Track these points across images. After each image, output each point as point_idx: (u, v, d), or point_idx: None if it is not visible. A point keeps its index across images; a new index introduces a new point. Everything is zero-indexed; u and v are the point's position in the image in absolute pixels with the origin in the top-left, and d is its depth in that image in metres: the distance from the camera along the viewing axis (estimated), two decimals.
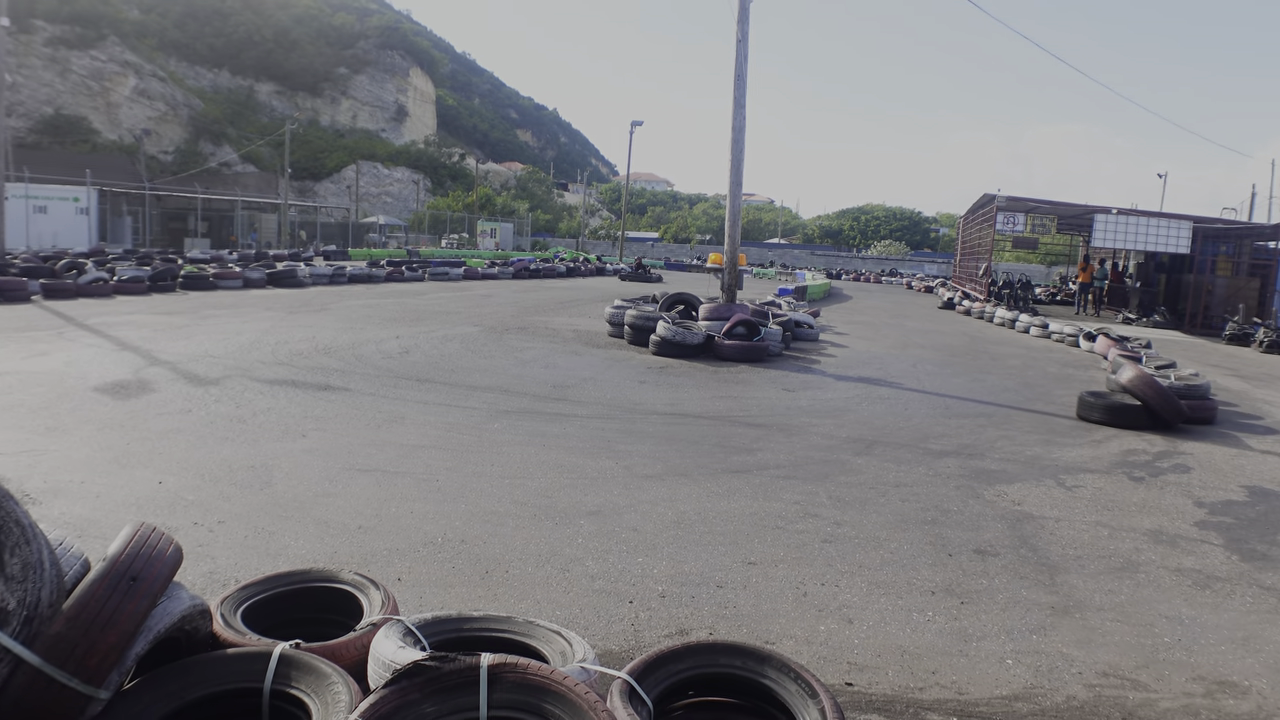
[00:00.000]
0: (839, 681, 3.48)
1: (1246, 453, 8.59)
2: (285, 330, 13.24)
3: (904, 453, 7.64)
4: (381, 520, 5.02)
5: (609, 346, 13.64)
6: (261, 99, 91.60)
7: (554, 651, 2.80)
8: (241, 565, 4.24)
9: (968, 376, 13.02)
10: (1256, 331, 21.91)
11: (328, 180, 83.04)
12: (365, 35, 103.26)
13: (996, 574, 4.79)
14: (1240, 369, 16.54)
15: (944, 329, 21.99)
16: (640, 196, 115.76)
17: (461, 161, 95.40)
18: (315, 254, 40.82)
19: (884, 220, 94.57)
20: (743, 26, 14.82)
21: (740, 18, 14.80)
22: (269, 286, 22.46)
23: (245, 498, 5.29)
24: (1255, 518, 6.30)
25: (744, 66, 14.87)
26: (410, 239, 61.77)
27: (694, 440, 7.60)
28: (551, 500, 5.61)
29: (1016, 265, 59.93)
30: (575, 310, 20.12)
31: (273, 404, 7.97)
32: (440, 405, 8.42)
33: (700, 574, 4.52)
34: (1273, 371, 16.51)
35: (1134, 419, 9.42)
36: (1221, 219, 33.13)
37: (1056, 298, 39.88)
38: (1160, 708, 3.44)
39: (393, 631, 2.72)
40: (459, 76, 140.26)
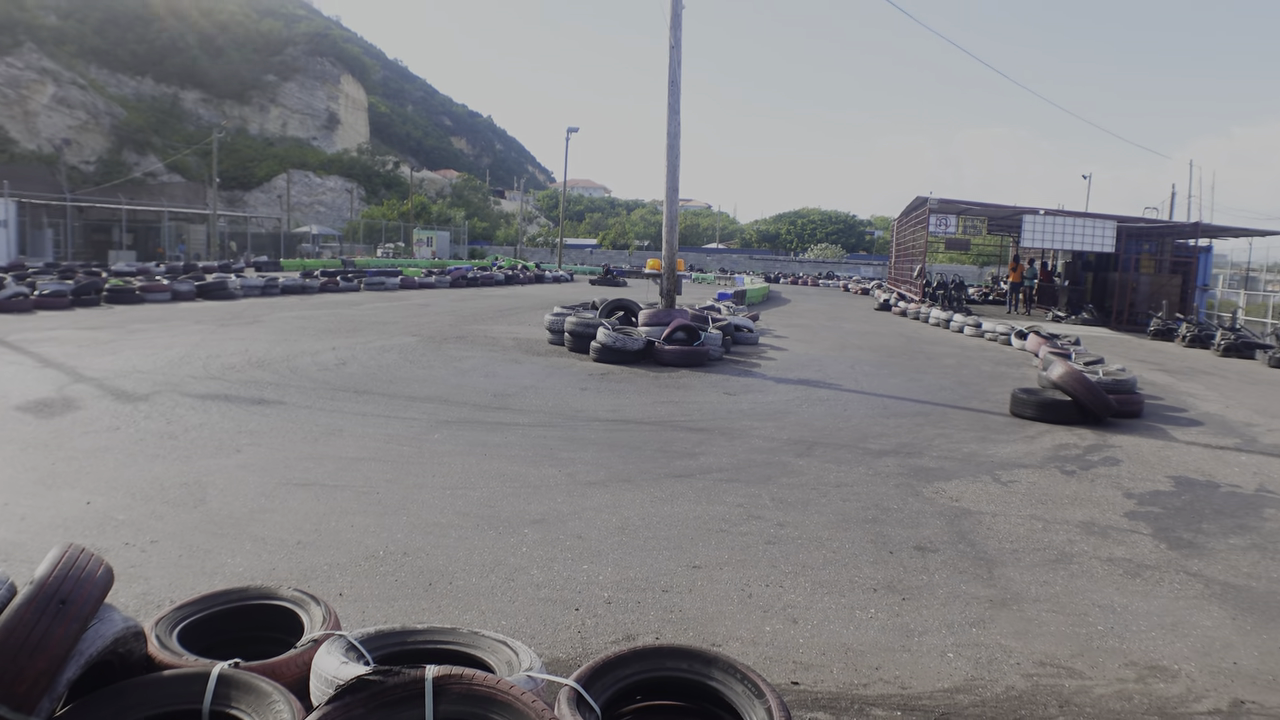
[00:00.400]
0: (785, 681, 3.51)
1: (1172, 444, 8.87)
2: (216, 343, 12.95)
3: (844, 453, 7.74)
4: (321, 535, 4.93)
5: (549, 354, 13.60)
6: (187, 107, 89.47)
7: (500, 661, 2.77)
8: (176, 585, 4.13)
9: (905, 376, 13.24)
10: (1179, 327, 22.68)
11: (258, 190, 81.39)
12: (294, 42, 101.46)
13: (936, 569, 4.88)
14: (1165, 363, 17.09)
15: (881, 330, 22.34)
16: (578, 203, 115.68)
17: (396, 169, 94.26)
18: (246, 265, 39.98)
19: (820, 224, 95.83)
20: (675, 33, 14.90)
21: (673, 24, 14.88)
22: (199, 299, 21.95)
23: (178, 516, 5.16)
24: (1181, 507, 6.51)
25: (677, 72, 14.96)
26: (345, 249, 60.84)
27: (636, 446, 7.61)
28: (494, 510, 5.57)
29: (950, 266, 61.19)
30: (514, 318, 20.02)
31: (205, 419, 7.79)
32: (379, 417, 8.31)
33: (646, 579, 4.53)
34: (1195, 365, 17.09)
35: (1065, 414, 9.67)
36: (1144, 218, 34.25)
37: (989, 297, 40.82)
38: (1095, 694, 3.53)
39: (335, 647, 2.67)
40: (391, 84, 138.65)
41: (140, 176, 66.59)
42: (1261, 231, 30.26)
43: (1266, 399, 12.65)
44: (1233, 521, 6.18)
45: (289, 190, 74.38)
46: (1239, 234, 31.21)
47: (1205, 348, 20.56)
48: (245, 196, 79.31)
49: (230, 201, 73.43)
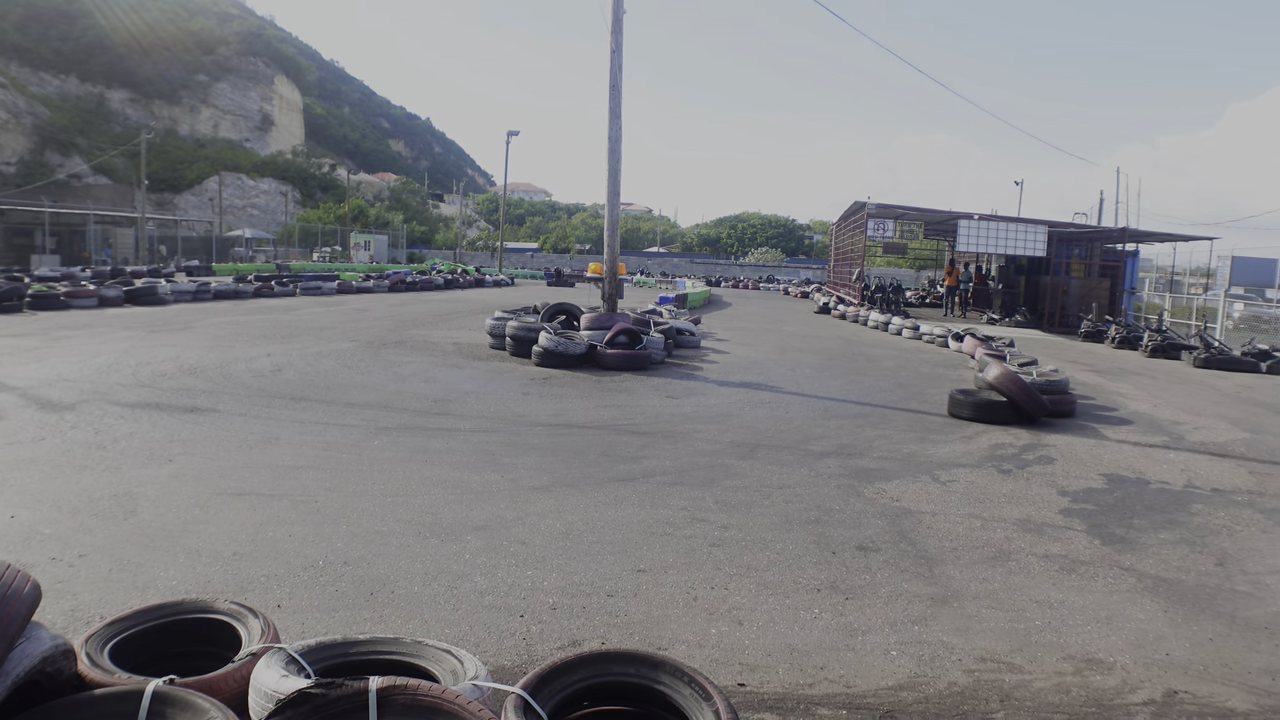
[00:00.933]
0: (732, 683, 3.52)
1: (1104, 443, 9.11)
2: (146, 350, 12.60)
3: (786, 455, 7.80)
4: (258, 546, 4.82)
5: (490, 359, 13.49)
6: (114, 107, 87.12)
7: (445, 670, 2.73)
8: (107, 600, 3.99)
9: (845, 379, 13.40)
10: (1108, 329, 23.32)
11: (189, 192, 79.59)
12: (226, 41, 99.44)
13: (878, 569, 4.93)
14: (1095, 364, 17.55)
15: (821, 333, 22.60)
16: (518, 207, 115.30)
17: (332, 172, 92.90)
18: (177, 270, 38.99)
19: (760, 228, 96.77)
20: (616, 37, 14.91)
21: (614, 29, 14.89)
22: (127, 305, 21.32)
23: (108, 529, 4.99)
24: (1114, 503, 6.68)
25: (618, 77, 14.97)
26: (280, 253, 59.74)
27: (580, 450, 7.57)
28: (437, 517, 5.50)
29: (888, 270, 62.16)
30: (455, 323, 19.83)
31: (135, 428, 7.56)
32: (317, 424, 8.15)
33: (591, 584, 4.50)
34: (1124, 366, 17.58)
35: (1001, 414, 9.87)
36: (1074, 224, 35.19)
37: (926, 300, 41.55)
38: (1034, 688, 3.60)
39: (274, 660, 2.61)
40: (327, 85, 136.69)
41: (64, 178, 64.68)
42: (1185, 236, 31.31)
43: (1192, 398, 13.06)
44: (1162, 517, 6.36)
45: (221, 193, 72.83)
46: (1164, 239, 32.24)
47: (1134, 349, 21.16)
48: (175, 199, 77.51)
49: (160, 204, 71.71)
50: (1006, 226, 29.06)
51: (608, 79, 14.94)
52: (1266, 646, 4.14)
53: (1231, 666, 3.90)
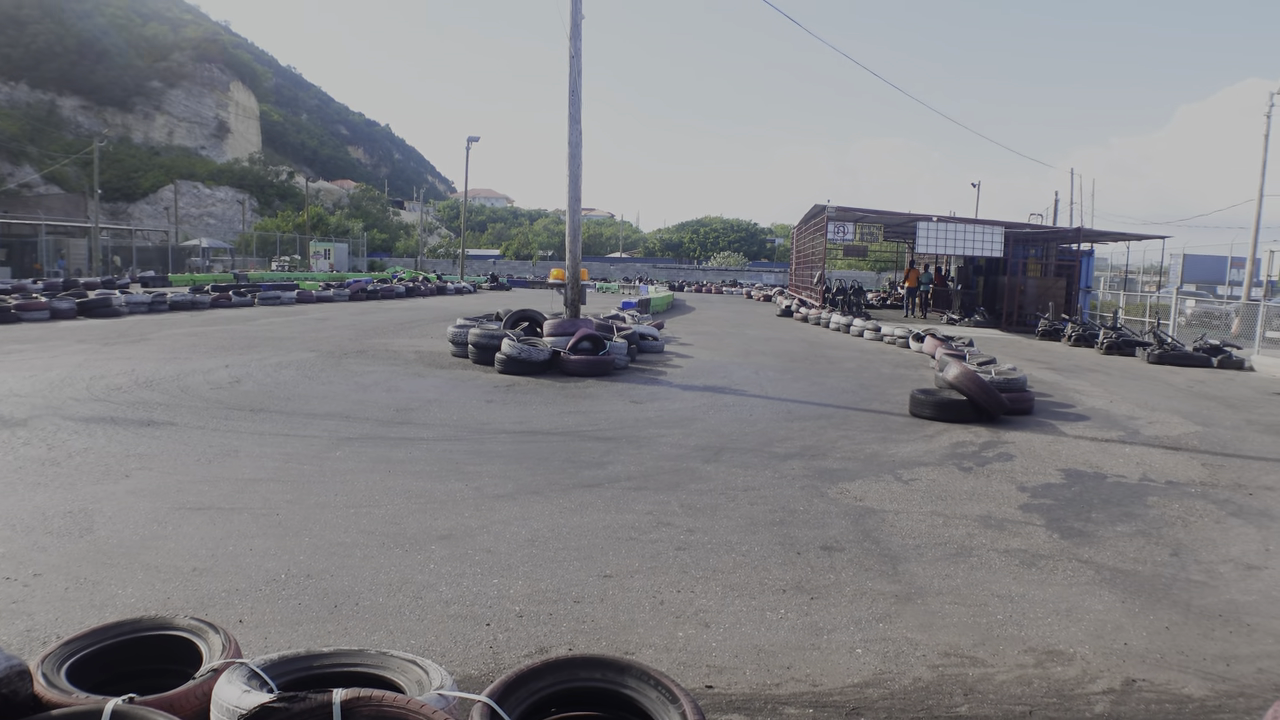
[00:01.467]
0: (699, 685, 3.53)
1: (1061, 439, 9.25)
2: (101, 363, 12.38)
3: (750, 457, 7.84)
4: (218, 560, 4.75)
5: (453, 367, 13.42)
6: (65, 114, 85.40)
7: (410, 681, 2.71)
8: (63, 619, 3.92)
9: (808, 380, 13.50)
10: (1065, 327, 23.70)
11: (143, 201, 78.24)
12: (180, 47, 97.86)
13: (843, 568, 4.98)
14: (1053, 362, 17.83)
15: (783, 336, 22.73)
16: (480, 213, 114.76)
17: (290, 180, 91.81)
18: (132, 281, 38.35)
19: (722, 232, 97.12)
20: (575, 43, 14.91)
21: (572, 34, 14.89)
22: (81, 317, 20.93)
23: (63, 547, 4.90)
24: (1072, 498, 6.79)
25: (578, 82, 14.97)
26: (238, 262, 58.94)
27: (544, 457, 7.56)
28: (400, 527, 5.46)
29: (849, 272, 62.62)
30: (417, 331, 19.70)
31: (90, 443, 7.43)
32: (277, 435, 8.06)
33: (557, 590, 4.49)
34: (1081, 363, 17.87)
35: (961, 413, 9.99)
36: (1030, 224, 35.67)
37: (887, 302, 41.96)
38: (997, 680, 3.65)
39: (236, 675, 2.57)
40: (285, 91, 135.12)
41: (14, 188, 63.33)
42: (1138, 236, 31.94)
43: (1147, 393, 13.31)
44: (1119, 510, 6.47)
45: (177, 202, 71.68)
46: (1118, 238, 32.84)
47: (1090, 346, 21.53)
48: (130, 209, 76.17)
49: (113, 214, 70.45)
50: (964, 228, 29.43)
51: (567, 84, 14.94)
52: (1221, 634, 4.23)
53: (1187, 654, 3.98)
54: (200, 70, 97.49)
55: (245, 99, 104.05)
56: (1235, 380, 15.77)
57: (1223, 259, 38.93)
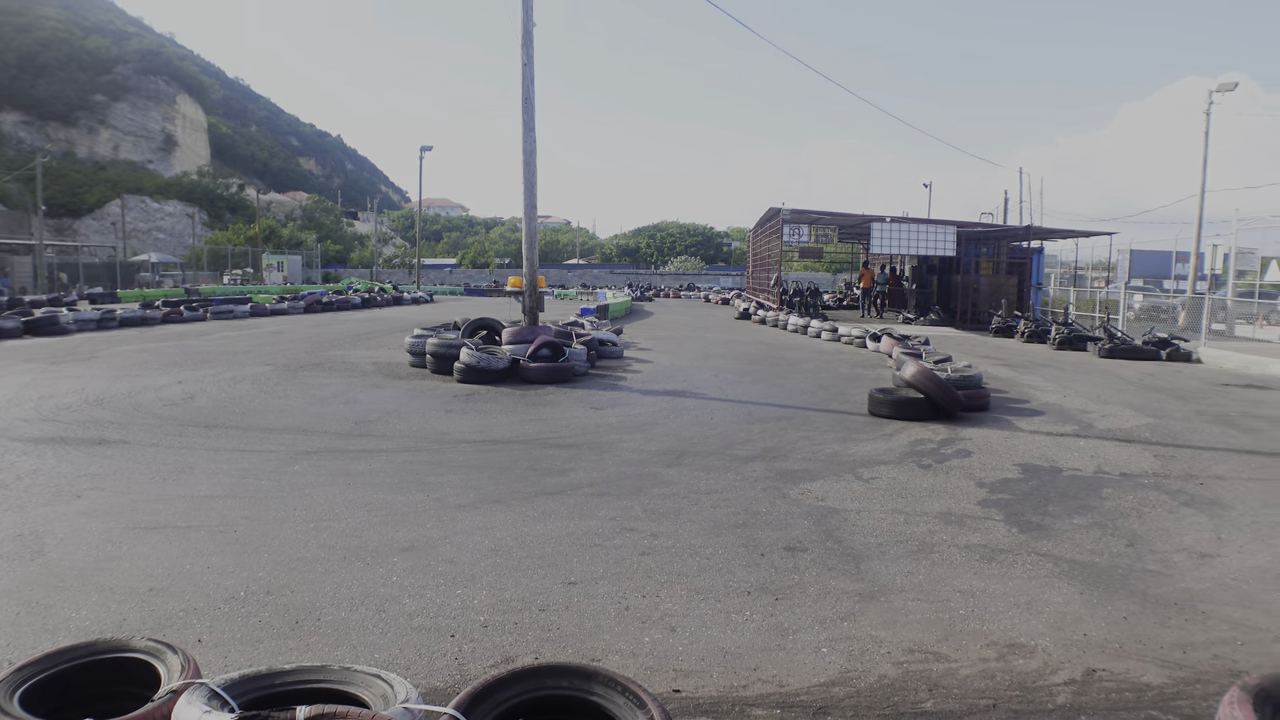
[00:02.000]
0: (666, 689, 3.52)
1: (1017, 434, 9.39)
2: (49, 383, 12.10)
3: (712, 460, 7.85)
4: (175, 580, 4.65)
5: (411, 377, 13.30)
6: (6, 130, 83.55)
7: (375, 695, 2.68)
8: (15, 646, 3.81)
9: (767, 383, 13.56)
10: (1018, 324, 24.08)
11: (89, 217, 76.72)
12: (124, 60, 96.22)
13: (806, 568, 5.00)
14: (1007, 358, 18.09)
15: (742, 339, 22.84)
16: (435, 222, 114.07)
17: (241, 192, 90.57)
18: (79, 298, 37.52)
19: (679, 236, 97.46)
20: (527, 50, 14.88)
21: (524, 42, 14.86)
22: (27, 336, 20.43)
23: (13, 571, 4.77)
24: (1029, 492, 6.89)
25: (531, 89, 14.93)
26: (188, 276, 57.96)
27: (505, 466, 7.51)
28: (361, 540, 5.39)
29: (805, 274, 63.17)
30: (374, 342, 19.50)
31: (39, 464, 7.25)
32: (233, 451, 7.92)
33: (522, 599, 4.46)
34: (1034, 359, 18.16)
35: (919, 411, 10.10)
36: (980, 223, 36.23)
37: (844, 303, 42.29)
38: (961, 675, 3.68)
39: (196, 696, 2.52)
40: (233, 103, 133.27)
41: None
42: (1086, 232, 32.51)
43: (1099, 387, 13.55)
44: (1075, 503, 6.58)
45: (124, 217, 70.35)
46: (1066, 235, 33.42)
47: (1042, 342, 21.88)
48: (75, 224, 74.66)
49: (59, 230, 69.00)
50: (917, 228, 29.79)
51: (520, 92, 14.90)
52: (1176, 621, 4.31)
53: (1145, 643, 4.05)
54: (145, 83, 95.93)
55: (192, 111, 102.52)
56: (1184, 372, 16.12)
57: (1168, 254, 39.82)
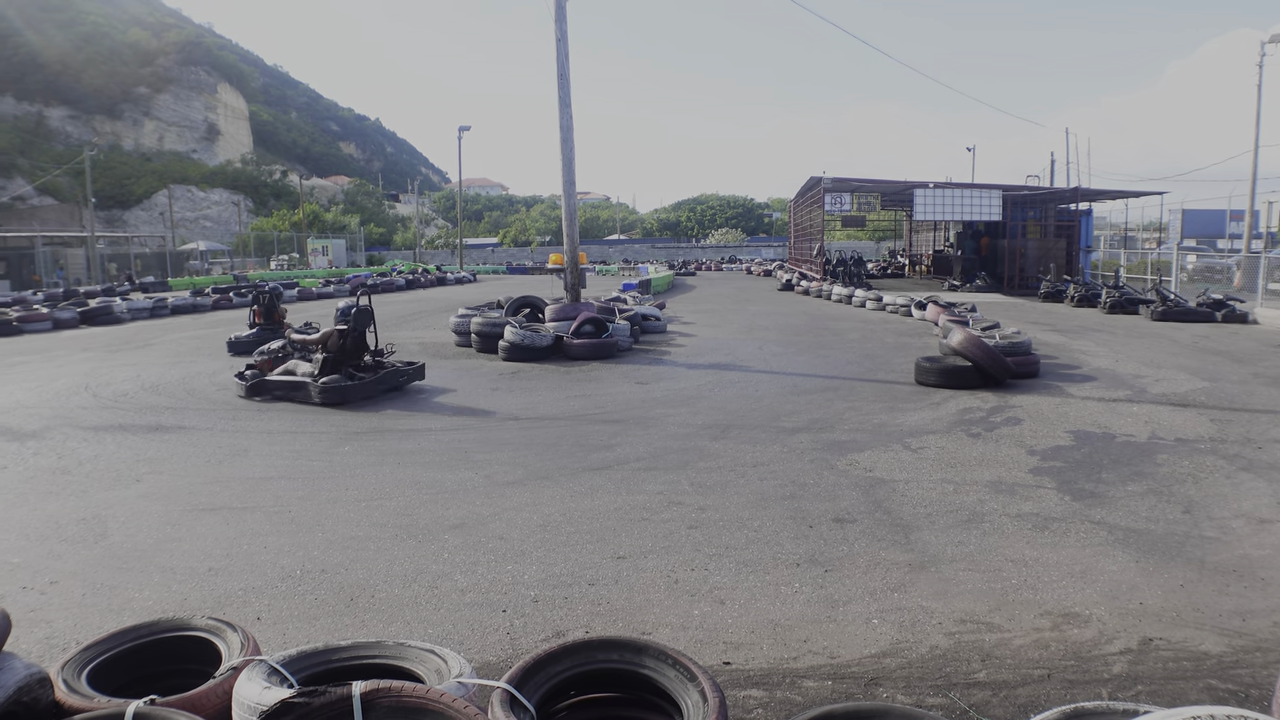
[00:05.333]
0: (716, 662, 3.53)
1: (1069, 400, 9.24)
2: (107, 371, 12.40)
3: (758, 433, 7.83)
4: (233, 559, 4.76)
5: (457, 356, 13.42)
6: (54, 125, 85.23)
7: (429, 670, 2.72)
8: (82, 625, 3.94)
9: (812, 354, 13.48)
10: (1067, 288, 23.64)
11: (138, 208, 78.21)
12: (164, 52, 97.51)
13: (855, 539, 4.98)
14: (1056, 323, 17.79)
15: (785, 310, 22.69)
16: (476, 202, 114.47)
17: (284, 178, 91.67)
18: (132, 287, 38.31)
19: (719, 209, 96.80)
20: (561, 25, 14.83)
21: (558, 17, 14.80)
22: (83, 326, 20.97)
23: (78, 553, 4.92)
24: (1081, 459, 6.78)
25: (565, 65, 14.89)
26: (236, 263, 58.84)
27: (552, 443, 7.56)
28: (412, 518, 5.47)
29: (848, 243, 62.48)
30: (419, 323, 19.69)
31: (100, 451, 7.44)
32: (285, 433, 8.07)
33: (571, 574, 4.50)
34: (1085, 324, 17.83)
35: (967, 379, 9.97)
36: (1027, 186, 35.58)
37: (888, 271, 41.86)
38: (1014, 645, 3.65)
39: (256, 672, 2.58)
40: (273, 90, 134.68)
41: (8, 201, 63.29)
42: (1136, 193, 31.78)
43: (1152, 351, 13.28)
44: (1129, 469, 6.47)
45: (171, 206, 71.56)
46: (1116, 196, 32.70)
47: (1093, 306, 21.48)
48: (125, 215, 76.14)
49: (109, 222, 70.41)
50: (962, 193, 29.32)
51: (555, 68, 14.86)
52: (1235, 589, 4.23)
53: (1203, 611, 3.98)
54: (186, 74, 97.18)
55: (234, 100, 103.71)
56: (1240, 334, 15.73)
57: (1221, 213, 38.82)
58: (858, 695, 3.26)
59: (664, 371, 11.75)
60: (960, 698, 3.23)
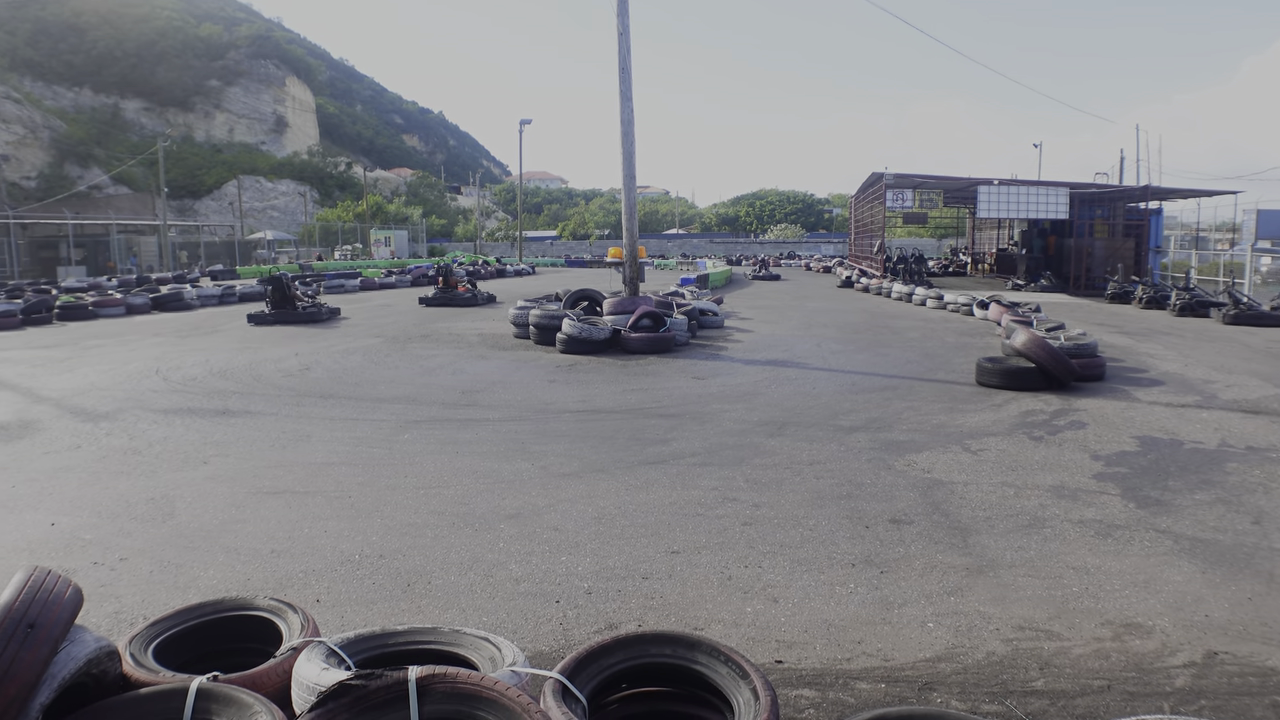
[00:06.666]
0: (769, 660, 3.52)
1: (1135, 405, 9.01)
2: (176, 356, 12.74)
3: (815, 431, 7.78)
4: (295, 542, 4.87)
5: (515, 348, 13.53)
6: (129, 116, 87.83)
7: (483, 658, 2.75)
8: (149, 602, 4.06)
9: (871, 352, 13.34)
10: (1135, 289, 23.04)
11: (208, 198, 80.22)
12: (235, 45, 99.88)
13: (912, 541, 4.92)
14: (1124, 325, 17.35)
15: (844, 307, 22.48)
16: (535, 195, 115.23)
17: (348, 170, 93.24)
18: (202, 275, 39.33)
19: (779, 204, 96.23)
20: (623, 19, 14.83)
21: (620, 10, 14.81)
22: (154, 312, 21.59)
23: (147, 532, 5.07)
24: (1147, 466, 6.61)
25: (627, 59, 14.90)
26: (301, 253, 60.12)
27: (608, 435, 7.59)
28: (469, 507, 5.54)
29: (909, 240, 61.58)
30: (478, 314, 19.90)
31: (169, 433, 7.66)
32: (347, 420, 8.22)
33: (625, 567, 4.52)
34: (1153, 326, 17.37)
35: (1030, 381, 9.78)
36: (1095, 184, 34.70)
37: (949, 269, 41.19)
38: (1074, 654, 3.58)
39: (315, 654, 2.64)
40: (339, 83, 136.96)
41: (85, 190, 65.28)
42: (1208, 192, 30.83)
43: (1223, 356, 12.89)
44: (1197, 477, 6.29)
45: (240, 196, 73.27)
46: (1187, 195, 31.77)
47: (1161, 308, 20.91)
48: (196, 205, 78.12)
49: (180, 211, 72.25)
50: (1027, 190, 28.73)
51: (616, 62, 14.88)
52: None
53: (1271, 625, 3.86)
54: (256, 67, 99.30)
55: (301, 93, 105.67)
56: None
57: None
58: (911, 699, 3.23)
59: (721, 367, 11.72)
60: (1017, 706, 3.18)
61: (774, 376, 10.85)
